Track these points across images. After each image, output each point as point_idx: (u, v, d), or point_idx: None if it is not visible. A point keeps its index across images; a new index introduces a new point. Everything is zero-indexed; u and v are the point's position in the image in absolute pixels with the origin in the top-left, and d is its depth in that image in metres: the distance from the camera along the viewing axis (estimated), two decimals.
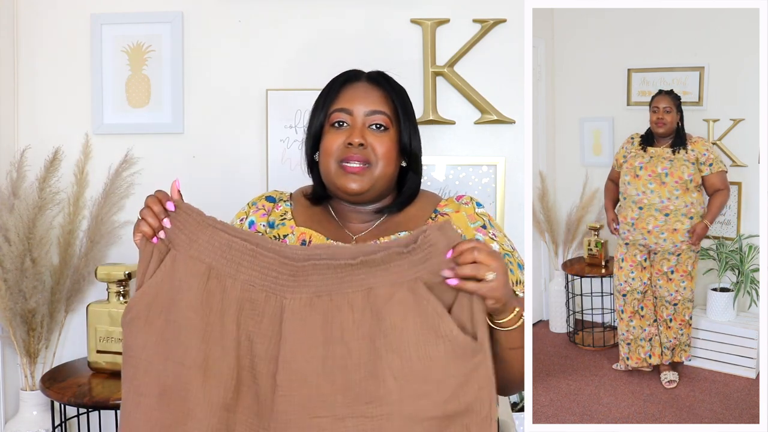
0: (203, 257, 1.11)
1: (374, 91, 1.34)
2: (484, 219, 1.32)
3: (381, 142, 1.30)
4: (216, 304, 1.10)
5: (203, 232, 1.12)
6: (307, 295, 1.07)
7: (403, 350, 1.04)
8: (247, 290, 1.10)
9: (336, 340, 1.06)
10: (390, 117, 1.32)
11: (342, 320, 1.06)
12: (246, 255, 1.10)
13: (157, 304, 1.11)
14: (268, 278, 1.09)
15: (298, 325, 1.07)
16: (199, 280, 1.11)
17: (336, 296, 1.07)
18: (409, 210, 1.35)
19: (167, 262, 1.12)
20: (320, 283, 1.07)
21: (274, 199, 1.41)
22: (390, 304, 1.05)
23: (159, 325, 1.11)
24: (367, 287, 1.06)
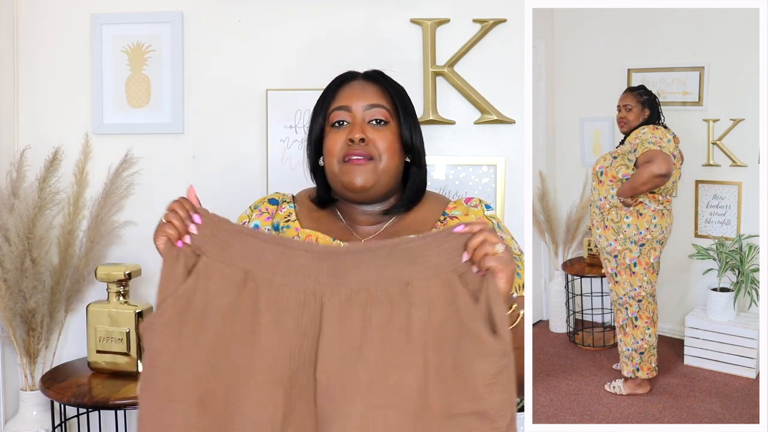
0: (238, 263, 1.10)
1: (371, 86, 1.35)
2: (493, 222, 1.32)
3: (382, 136, 1.30)
4: (253, 308, 1.09)
5: (235, 238, 1.11)
6: (347, 292, 1.07)
7: (438, 346, 1.05)
8: (284, 293, 1.09)
9: (374, 332, 1.06)
10: (389, 110, 1.32)
11: (381, 314, 1.06)
12: (281, 258, 1.10)
13: (191, 310, 1.09)
14: (307, 279, 1.09)
15: (336, 322, 1.07)
16: (236, 286, 1.10)
17: (374, 291, 1.07)
18: (417, 212, 1.35)
19: (200, 268, 1.11)
20: (359, 278, 1.08)
21: (277, 202, 1.40)
22: (427, 298, 1.06)
23: (192, 331, 1.09)
24: (405, 281, 1.07)
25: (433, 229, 1.30)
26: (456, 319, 1.06)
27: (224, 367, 1.08)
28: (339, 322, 1.07)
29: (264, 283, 1.09)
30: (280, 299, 1.09)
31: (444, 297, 1.06)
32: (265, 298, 1.09)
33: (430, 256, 1.07)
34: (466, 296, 1.06)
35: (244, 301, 1.09)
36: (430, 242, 1.08)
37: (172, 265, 1.11)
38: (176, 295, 1.09)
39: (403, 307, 1.06)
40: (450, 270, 1.07)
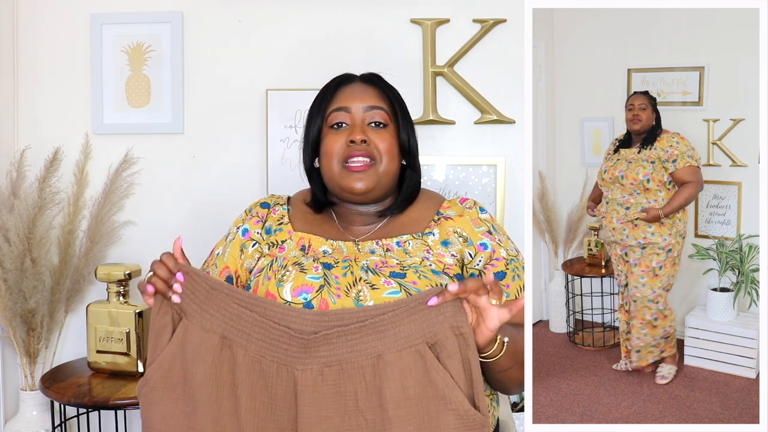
0: (215, 328, 1.12)
1: (370, 89, 1.35)
2: (488, 225, 1.32)
3: (382, 138, 1.30)
4: (229, 377, 1.11)
5: (213, 301, 1.12)
6: (318, 366, 1.08)
7: (416, 420, 1.06)
8: (258, 362, 1.10)
9: (350, 410, 1.07)
10: (388, 113, 1.33)
11: (355, 390, 1.07)
12: (255, 326, 1.11)
13: (172, 375, 1.13)
14: (278, 350, 1.09)
15: (311, 397, 1.07)
16: (213, 353, 1.11)
17: (346, 365, 1.07)
18: (411, 211, 1.35)
19: (179, 332, 1.13)
20: (330, 353, 1.08)
21: (269, 205, 1.40)
22: (399, 370, 1.06)
23: (175, 397, 1.13)
24: (377, 354, 1.07)
25: (426, 229, 1.30)
26: (432, 391, 1.06)
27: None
28: (315, 398, 1.07)
29: (240, 350, 1.11)
30: (254, 369, 1.10)
31: (417, 368, 1.06)
32: (240, 366, 1.10)
33: (401, 328, 1.07)
34: (440, 367, 1.06)
35: (222, 369, 1.11)
36: (401, 314, 1.07)
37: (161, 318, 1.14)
38: (158, 362, 1.13)
39: (376, 381, 1.06)
40: (421, 340, 1.07)
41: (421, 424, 1.06)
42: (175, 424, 1.12)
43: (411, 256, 1.25)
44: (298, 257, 1.27)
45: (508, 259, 1.28)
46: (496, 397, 1.33)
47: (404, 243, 1.28)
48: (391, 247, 1.27)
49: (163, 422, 1.12)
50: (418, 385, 1.06)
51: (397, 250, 1.27)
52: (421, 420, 1.06)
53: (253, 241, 1.34)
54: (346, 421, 1.06)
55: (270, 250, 1.31)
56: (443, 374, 1.06)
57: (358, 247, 1.29)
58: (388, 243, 1.28)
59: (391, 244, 1.28)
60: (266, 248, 1.32)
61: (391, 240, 1.28)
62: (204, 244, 1.52)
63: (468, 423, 1.06)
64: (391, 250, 1.27)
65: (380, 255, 1.26)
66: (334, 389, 1.07)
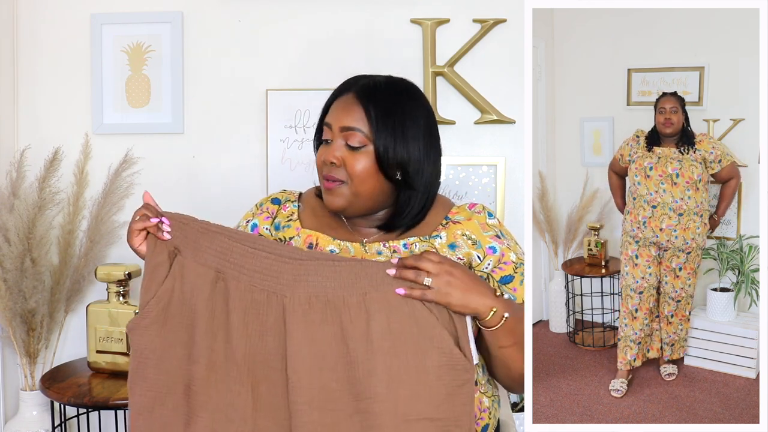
0: (210, 263, 1.18)
1: (354, 107, 1.27)
2: (496, 230, 1.31)
3: (356, 160, 1.24)
4: (223, 307, 1.17)
5: (204, 237, 1.19)
6: (305, 295, 1.13)
7: (401, 354, 1.11)
8: (250, 291, 1.16)
9: (336, 337, 1.12)
10: (365, 134, 1.25)
11: (341, 320, 1.12)
12: (247, 258, 1.16)
13: (170, 309, 1.19)
14: (269, 278, 1.15)
15: (300, 323, 1.13)
16: (209, 286, 1.17)
17: (333, 297, 1.13)
18: None
19: (176, 268, 1.19)
20: (318, 284, 1.14)
21: (280, 201, 1.40)
22: (386, 306, 1.12)
23: (174, 327, 1.18)
24: (362, 291, 1.13)
25: (434, 232, 1.30)
26: (417, 329, 1.12)
27: (202, 362, 1.17)
28: (303, 324, 1.13)
29: (232, 282, 1.17)
30: (245, 298, 1.16)
31: (402, 308, 1.12)
32: (233, 296, 1.16)
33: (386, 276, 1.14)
34: (424, 309, 1.12)
35: (217, 300, 1.17)
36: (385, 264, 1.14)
37: (156, 257, 1.20)
38: (157, 296, 1.19)
39: (362, 314, 1.12)
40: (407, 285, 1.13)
41: (407, 358, 1.11)
42: (174, 353, 1.18)
43: None
44: None
45: (516, 263, 1.28)
46: (497, 398, 1.33)
47: (411, 245, 1.28)
48: (398, 249, 1.27)
49: (163, 351, 1.18)
50: (404, 321, 1.12)
51: (404, 252, 1.27)
52: (407, 354, 1.11)
53: (258, 235, 1.34)
54: (332, 348, 1.12)
55: None
56: (428, 315, 1.12)
57: (365, 248, 1.29)
58: (395, 245, 1.28)
59: (398, 245, 1.28)
60: None
61: (398, 242, 1.28)
62: None
63: (452, 361, 1.11)
64: (398, 251, 1.27)
65: (387, 257, 1.26)
66: (320, 317, 1.12)
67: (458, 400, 1.11)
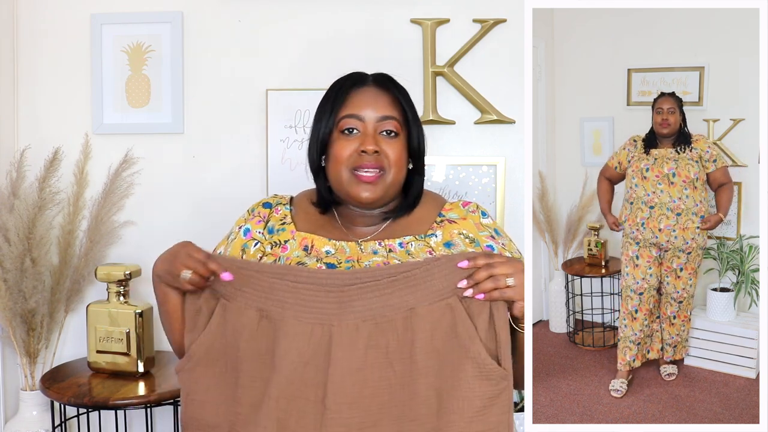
0: (251, 303, 1.17)
1: (383, 96, 1.31)
2: (490, 230, 1.32)
3: (393, 148, 1.28)
4: (268, 344, 1.16)
5: (244, 279, 1.18)
6: (354, 321, 1.13)
7: (439, 370, 1.11)
8: (293, 325, 1.15)
9: (382, 361, 1.12)
10: (400, 122, 1.30)
11: (387, 342, 1.12)
12: (289, 293, 1.15)
13: (213, 351, 1.20)
14: (313, 310, 1.14)
15: (345, 351, 1.12)
16: (252, 326, 1.17)
17: (380, 319, 1.12)
18: (415, 212, 1.34)
19: (218, 311, 1.19)
20: (365, 307, 1.13)
21: (271, 205, 1.39)
22: (430, 323, 1.11)
23: (218, 371, 1.19)
24: (409, 307, 1.12)
25: (428, 230, 1.30)
26: (456, 343, 1.11)
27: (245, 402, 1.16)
28: (349, 352, 1.12)
29: (277, 319, 1.16)
30: (289, 332, 1.14)
31: (446, 322, 1.12)
32: (277, 333, 1.15)
33: (433, 282, 1.12)
34: (467, 321, 1.11)
35: (260, 339, 1.17)
36: (432, 268, 1.12)
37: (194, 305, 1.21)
38: (200, 340, 1.20)
39: (407, 334, 1.11)
40: (452, 294, 1.12)
41: (443, 373, 1.10)
42: (219, 394, 1.19)
43: (413, 257, 1.25)
44: (300, 257, 1.27)
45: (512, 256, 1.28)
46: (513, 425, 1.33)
47: (407, 244, 1.28)
48: (393, 248, 1.27)
49: (208, 393, 1.19)
50: (445, 337, 1.11)
51: (399, 251, 1.27)
52: (444, 369, 1.10)
53: (255, 241, 1.34)
54: (375, 373, 1.11)
55: (272, 250, 1.31)
56: (468, 326, 1.11)
57: (360, 247, 1.29)
58: (391, 244, 1.28)
59: (394, 245, 1.28)
60: (269, 248, 1.32)
61: (393, 241, 1.28)
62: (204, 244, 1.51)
63: (485, 372, 1.10)
64: (393, 251, 1.27)
65: (383, 256, 1.26)
66: (367, 342, 1.11)
67: (495, 411, 1.11)
